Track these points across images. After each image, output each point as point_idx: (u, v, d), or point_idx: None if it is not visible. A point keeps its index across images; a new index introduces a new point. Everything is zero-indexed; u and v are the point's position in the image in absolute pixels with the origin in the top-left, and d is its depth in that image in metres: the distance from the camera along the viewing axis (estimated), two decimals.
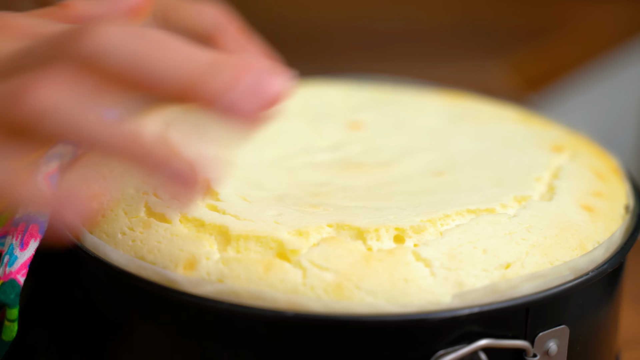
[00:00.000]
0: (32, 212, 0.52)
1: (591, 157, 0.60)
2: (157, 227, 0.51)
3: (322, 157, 0.61)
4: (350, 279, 0.47)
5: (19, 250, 0.51)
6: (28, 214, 0.52)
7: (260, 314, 0.46)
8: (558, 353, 0.49)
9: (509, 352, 0.48)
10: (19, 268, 0.50)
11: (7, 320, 0.50)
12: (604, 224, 0.53)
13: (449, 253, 0.48)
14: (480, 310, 0.46)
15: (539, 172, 0.56)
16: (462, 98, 0.69)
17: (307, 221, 0.50)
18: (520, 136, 0.62)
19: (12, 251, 0.51)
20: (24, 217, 0.52)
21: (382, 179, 0.57)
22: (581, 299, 0.50)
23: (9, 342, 0.50)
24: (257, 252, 0.49)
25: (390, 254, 0.48)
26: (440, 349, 0.47)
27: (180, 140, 0.59)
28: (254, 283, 0.47)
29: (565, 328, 0.49)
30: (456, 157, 0.60)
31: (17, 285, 0.50)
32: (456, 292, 0.47)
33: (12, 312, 0.49)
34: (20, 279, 0.50)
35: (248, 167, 0.58)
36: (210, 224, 0.50)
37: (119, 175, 0.55)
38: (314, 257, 0.48)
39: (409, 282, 0.47)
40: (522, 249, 0.49)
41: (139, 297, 0.49)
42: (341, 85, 0.71)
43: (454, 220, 0.51)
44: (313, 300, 0.46)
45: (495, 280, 0.48)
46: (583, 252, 0.50)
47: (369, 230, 0.49)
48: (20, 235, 0.51)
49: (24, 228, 0.51)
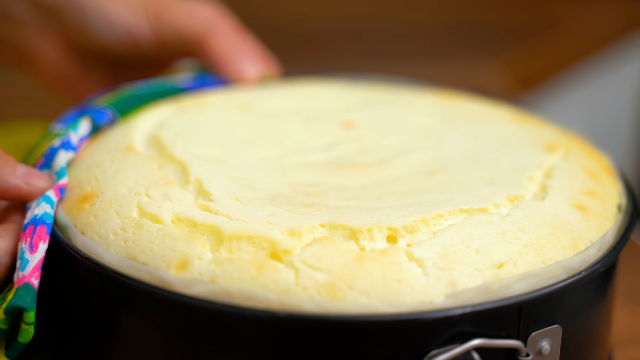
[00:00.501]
0: (38, 214, 0.52)
1: (584, 156, 0.60)
2: (149, 227, 0.51)
3: (316, 156, 0.61)
4: (343, 279, 0.47)
5: (29, 254, 0.51)
6: (35, 217, 0.52)
7: (252, 314, 0.46)
8: (551, 352, 0.49)
9: (501, 351, 0.48)
10: (32, 271, 0.50)
11: (25, 324, 0.50)
12: (596, 224, 0.53)
13: (442, 253, 0.48)
14: (473, 310, 0.46)
15: (531, 171, 0.56)
16: (455, 97, 0.69)
17: (300, 221, 0.50)
18: (514, 136, 0.62)
19: (22, 255, 0.51)
20: (31, 220, 0.52)
21: (376, 179, 0.57)
22: (574, 299, 0.50)
23: (24, 345, 0.50)
24: (250, 252, 0.48)
25: (383, 254, 0.48)
26: (433, 348, 0.47)
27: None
28: (247, 283, 0.47)
29: (558, 327, 0.49)
30: (449, 157, 0.60)
31: (31, 288, 0.50)
32: (449, 292, 0.47)
33: (29, 316, 0.49)
34: (35, 282, 0.50)
35: (241, 167, 0.58)
36: (202, 224, 0.50)
37: (111, 176, 0.55)
38: (307, 258, 0.47)
39: (401, 282, 0.47)
40: (514, 249, 0.49)
41: (132, 297, 0.49)
42: (335, 85, 0.71)
43: (447, 220, 0.51)
44: (305, 301, 0.46)
45: (488, 280, 0.48)
46: (576, 252, 0.50)
47: (362, 230, 0.49)
48: (29, 238, 0.51)
49: (32, 231, 0.52)
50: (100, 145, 0.60)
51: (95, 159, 0.58)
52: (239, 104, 0.67)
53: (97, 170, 0.56)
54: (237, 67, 0.71)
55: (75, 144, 0.59)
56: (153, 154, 0.58)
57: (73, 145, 0.59)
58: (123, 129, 0.62)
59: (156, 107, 0.66)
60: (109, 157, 0.57)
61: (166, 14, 0.72)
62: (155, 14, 0.73)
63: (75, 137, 0.59)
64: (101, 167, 0.56)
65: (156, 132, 0.61)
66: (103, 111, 0.62)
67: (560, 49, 1.05)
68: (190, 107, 0.66)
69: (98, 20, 0.73)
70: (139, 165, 0.56)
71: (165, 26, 0.72)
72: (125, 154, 0.57)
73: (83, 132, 0.60)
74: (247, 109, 0.67)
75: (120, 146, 0.59)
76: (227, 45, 0.71)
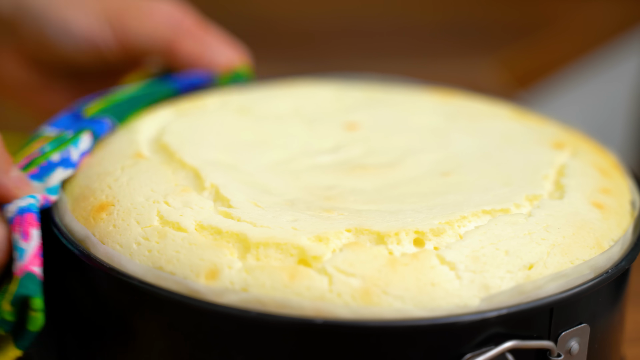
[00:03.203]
0: (23, 205, 0.52)
1: (592, 153, 0.60)
2: (173, 236, 0.50)
3: (324, 159, 0.61)
4: (378, 285, 0.47)
5: (23, 242, 0.50)
6: (21, 208, 0.52)
7: (289, 322, 0.46)
8: (579, 352, 0.49)
9: (532, 352, 0.48)
10: (31, 259, 0.50)
11: (32, 310, 0.49)
12: (615, 221, 0.53)
13: (472, 255, 0.48)
14: (508, 312, 0.46)
15: (545, 170, 0.57)
16: (453, 96, 0.69)
17: (325, 226, 0.50)
18: (519, 134, 0.63)
19: (17, 245, 0.50)
20: (17, 211, 0.51)
21: (389, 181, 0.57)
22: (600, 297, 0.50)
23: (34, 333, 0.50)
24: (278, 259, 0.48)
25: (415, 258, 0.48)
26: (467, 351, 0.47)
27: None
28: (280, 291, 0.47)
29: (586, 326, 0.49)
30: (459, 156, 0.60)
31: (33, 276, 0.49)
32: (483, 294, 0.47)
33: (36, 302, 0.49)
34: (36, 270, 0.49)
35: (252, 171, 0.58)
36: (227, 231, 0.50)
37: (125, 183, 0.55)
38: (339, 263, 0.47)
39: (435, 286, 0.47)
40: (543, 249, 0.49)
41: (160, 307, 0.49)
42: (331, 85, 0.71)
43: (471, 221, 0.51)
44: (341, 307, 0.46)
45: (520, 281, 0.48)
46: (600, 250, 0.51)
47: (389, 234, 0.49)
48: (19, 227, 0.51)
49: (20, 220, 0.51)
50: (106, 153, 0.59)
51: (105, 167, 0.57)
52: (237, 106, 0.67)
53: (109, 179, 0.55)
54: (208, 61, 0.70)
55: (75, 161, 0.58)
56: (163, 160, 0.57)
57: (73, 162, 0.58)
58: (126, 135, 0.61)
59: (155, 111, 0.65)
60: (119, 165, 0.56)
61: (128, 20, 0.71)
62: (117, 21, 0.71)
63: (75, 153, 0.58)
64: (112, 175, 0.56)
65: (160, 137, 0.60)
66: (102, 122, 0.61)
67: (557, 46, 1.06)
68: (190, 111, 0.66)
69: (57, 30, 0.70)
70: (152, 172, 0.55)
71: (130, 33, 0.71)
72: (136, 161, 0.57)
73: (84, 147, 0.59)
74: (246, 111, 0.66)
75: (128, 153, 0.58)
76: (193, 45, 0.70)
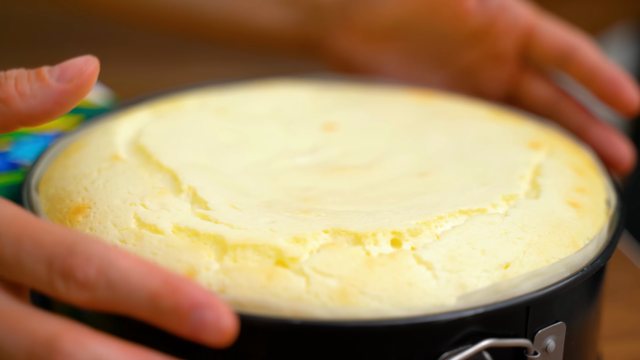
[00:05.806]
0: None
1: (568, 153, 0.60)
2: (150, 238, 0.50)
3: (302, 160, 0.61)
4: (355, 285, 0.47)
5: None
6: None
7: (266, 322, 0.46)
8: (556, 349, 0.50)
9: (509, 350, 0.49)
10: None
11: None
12: (591, 220, 0.54)
13: (449, 255, 0.48)
14: (484, 310, 0.47)
15: (521, 170, 0.57)
16: (431, 96, 0.69)
17: (302, 227, 0.50)
18: (495, 133, 0.63)
19: None
20: None
21: (367, 182, 0.57)
22: (576, 295, 0.50)
23: None
24: (255, 260, 0.48)
25: (392, 258, 0.48)
26: (444, 350, 0.47)
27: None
28: (257, 292, 0.47)
29: (563, 324, 0.50)
30: (436, 157, 0.60)
31: None
32: (459, 293, 0.47)
33: None
34: None
35: (230, 173, 0.58)
36: (204, 233, 0.50)
37: (101, 186, 0.54)
38: (316, 264, 0.47)
39: (412, 286, 0.47)
40: (519, 248, 0.49)
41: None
42: (308, 86, 0.71)
43: (448, 221, 0.51)
44: (318, 307, 0.46)
45: (497, 280, 0.48)
46: (576, 249, 0.51)
47: (367, 235, 0.49)
48: None
49: None
50: (83, 155, 0.58)
51: (81, 169, 0.57)
52: (216, 107, 0.67)
53: (86, 181, 0.55)
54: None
55: None
56: (141, 163, 0.57)
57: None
58: (103, 137, 0.61)
59: (132, 112, 0.65)
60: (95, 167, 0.56)
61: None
62: None
63: None
64: (89, 177, 0.55)
65: (137, 139, 0.60)
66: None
67: None
68: (168, 112, 0.66)
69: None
70: (129, 175, 0.55)
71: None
72: (113, 163, 0.56)
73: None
74: (225, 112, 0.66)
75: (105, 155, 0.58)
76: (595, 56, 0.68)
